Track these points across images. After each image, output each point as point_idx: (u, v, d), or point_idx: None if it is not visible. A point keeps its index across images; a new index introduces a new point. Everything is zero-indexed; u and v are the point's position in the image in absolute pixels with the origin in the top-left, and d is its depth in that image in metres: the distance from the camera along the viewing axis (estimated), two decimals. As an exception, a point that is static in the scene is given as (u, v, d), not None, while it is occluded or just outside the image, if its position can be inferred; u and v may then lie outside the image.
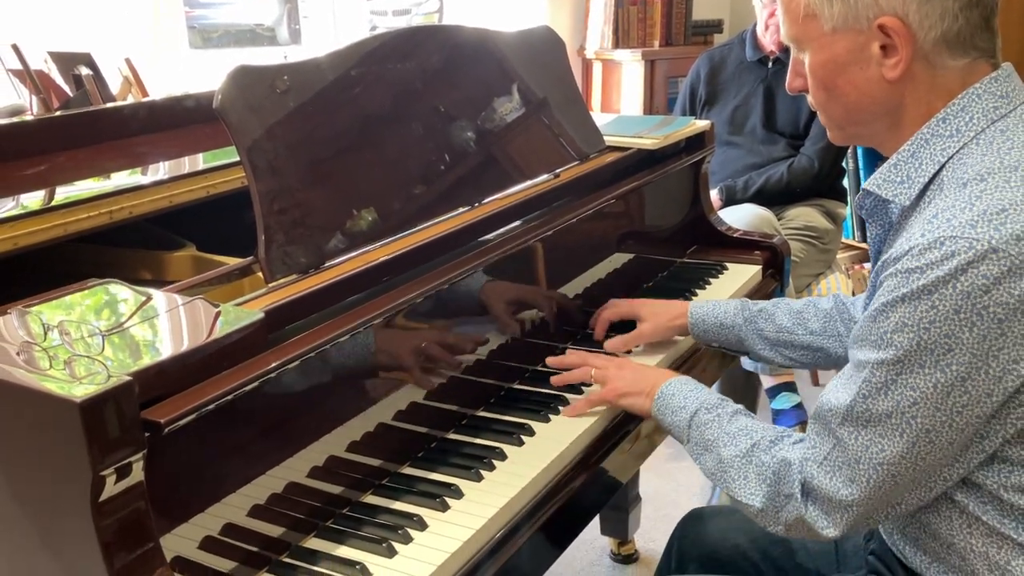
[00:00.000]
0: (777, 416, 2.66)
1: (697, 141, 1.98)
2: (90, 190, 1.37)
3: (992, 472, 0.99)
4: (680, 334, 1.58)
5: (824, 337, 1.43)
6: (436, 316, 1.28)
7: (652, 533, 2.41)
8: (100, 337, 0.92)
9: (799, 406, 2.66)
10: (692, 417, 1.20)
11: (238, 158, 1.47)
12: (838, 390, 1.02)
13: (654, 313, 1.56)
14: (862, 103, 1.05)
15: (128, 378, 0.83)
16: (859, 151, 3.63)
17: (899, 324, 0.94)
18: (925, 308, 0.92)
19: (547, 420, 1.33)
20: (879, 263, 1.02)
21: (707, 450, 1.17)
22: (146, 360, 0.90)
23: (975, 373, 0.91)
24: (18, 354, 0.90)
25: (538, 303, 1.52)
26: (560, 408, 1.36)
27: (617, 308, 1.60)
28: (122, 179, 1.48)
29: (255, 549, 1.02)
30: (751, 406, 2.63)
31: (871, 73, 1.02)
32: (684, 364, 1.58)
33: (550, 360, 1.46)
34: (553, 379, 1.41)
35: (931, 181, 1.01)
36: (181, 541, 0.95)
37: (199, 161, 1.59)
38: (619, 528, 2.32)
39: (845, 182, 2.99)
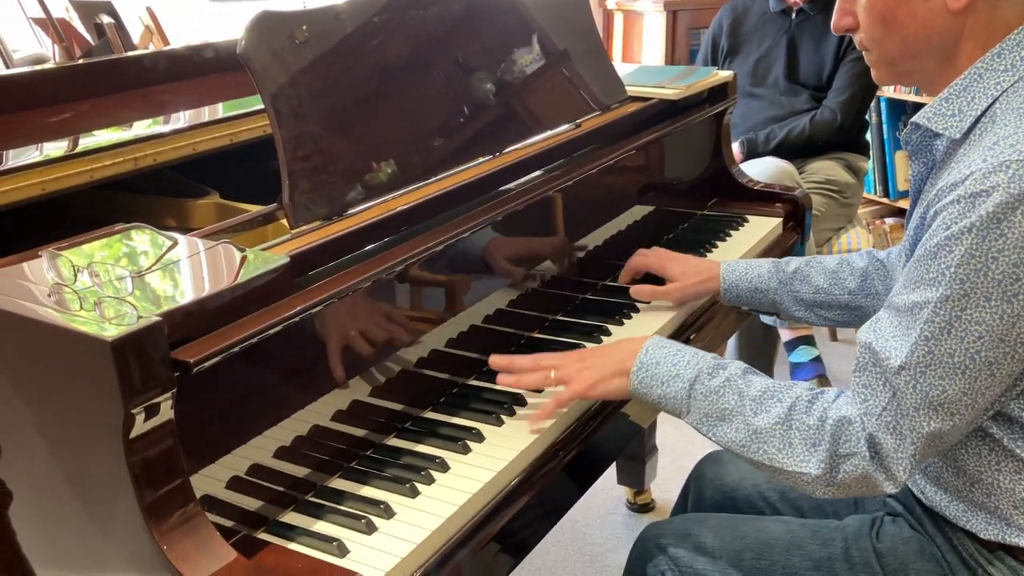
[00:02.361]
0: (795, 369, 2.67)
1: (720, 92, 1.96)
2: (114, 138, 1.38)
3: None
4: (710, 295, 1.54)
5: (861, 296, 1.41)
6: (457, 264, 1.29)
7: (667, 483, 2.44)
8: (129, 279, 0.94)
9: (817, 359, 2.67)
10: (692, 385, 1.11)
11: (258, 107, 1.49)
12: (890, 338, 0.99)
13: (684, 273, 1.51)
14: (921, 35, 1.03)
15: (158, 318, 0.85)
16: (883, 105, 3.59)
17: (965, 256, 0.91)
18: (993, 237, 0.90)
19: (567, 368, 1.35)
20: (931, 195, 1.00)
21: (725, 420, 1.08)
22: (174, 302, 0.91)
23: None
24: (49, 296, 0.91)
25: (558, 253, 1.52)
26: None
27: (646, 259, 1.57)
28: (144, 128, 1.49)
29: (281, 489, 1.05)
30: (769, 360, 2.64)
31: (934, 3, 1.01)
32: (700, 318, 1.58)
33: (494, 360, 1.26)
34: (503, 379, 1.24)
35: (982, 115, 1.00)
36: (209, 481, 0.97)
37: (219, 111, 1.60)
38: (635, 478, 2.35)
39: (868, 136, 2.96)
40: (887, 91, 3.55)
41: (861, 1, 1.06)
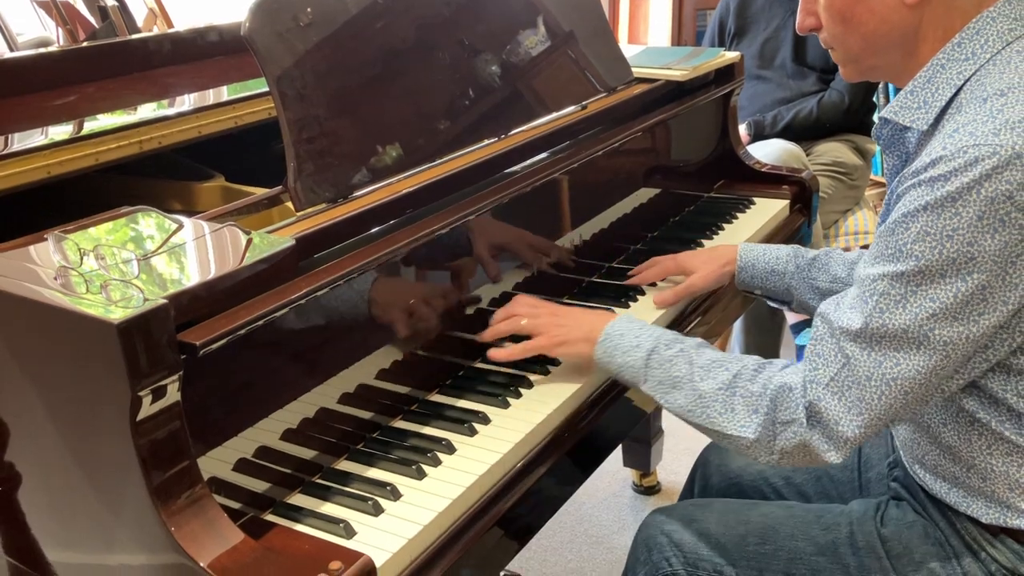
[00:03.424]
0: (802, 352, 2.67)
1: (726, 73, 1.95)
2: (119, 122, 1.38)
3: (1011, 385, 1.00)
4: (731, 279, 1.52)
5: None
6: (464, 247, 1.29)
7: (673, 465, 2.44)
8: (135, 262, 0.94)
9: (824, 342, 2.66)
10: (650, 355, 1.15)
11: (263, 90, 1.49)
12: (847, 308, 1.01)
13: (703, 261, 1.50)
14: (880, 30, 1.04)
15: (164, 301, 0.85)
16: (890, 87, 3.56)
17: (920, 233, 0.93)
18: (948, 216, 0.92)
19: (573, 350, 1.35)
20: (895, 180, 1.02)
21: (675, 387, 1.12)
22: (180, 285, 0.91)
23: (995, 281, 0.92)
24: (55, 278, 0.92)
25: (563, 236, 1.52)
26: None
27: (663, 266, 1.53)
28: (149, 111, 1.48)
29: (288, 471, 1.05)
30: (775, 343, 2.64)
31: None
32: (706, 300, 1.57)
33: (481, 335, 1.29)
34: (481, 334, 1.29)
35: (948, 105, 1.01)
36: (216, 463, 0.97)
37: (223, 94, 1.59)
38: (641, 460, 2.36)
39: (875, 117, 2.95)
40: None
41: (821, 1, 1.08)
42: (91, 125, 1.39)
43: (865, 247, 2.78)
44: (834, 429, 1.00)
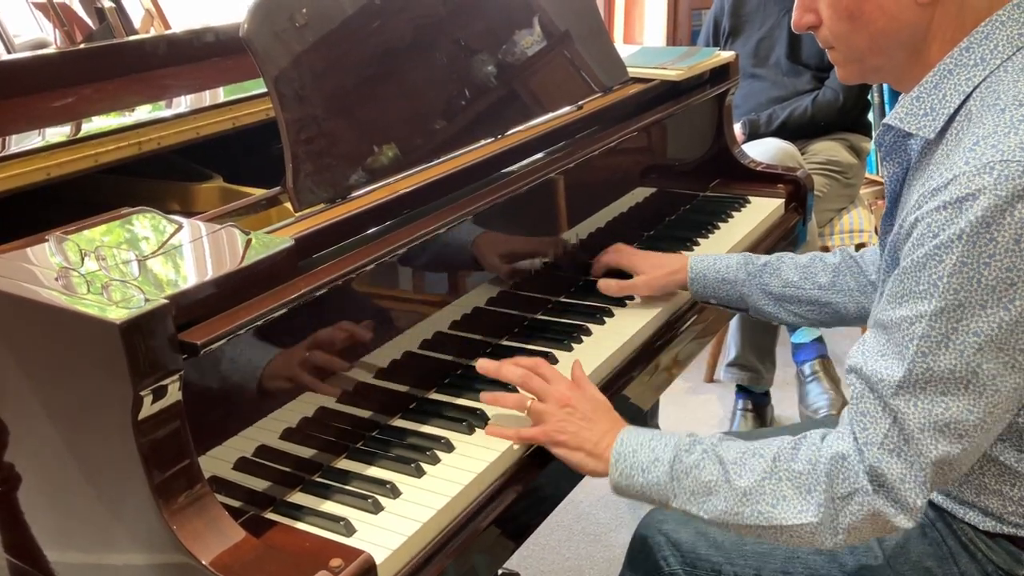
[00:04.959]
0: (797, 350, 2.68)
1: (721, 73, 1.96)
2: (117, 123, 1.38)
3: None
4: (679, 288, 1.51)
5: (832, 292, 1.37)
6: (462, 246, 1.29)
7: (671, 464, 2.45)
8: (135, 263, 0.94)
9: (819, 340, 2.67)
10: (672, 467, 1.04)
11: (259, 91, 1.49)
12: (879, 357, 0.94)
13: (652, 266, 1.49)
14: (889, 29, 1.00)
15: (165, 301, 0.85)
16: (885, 86, 3.57)
17: (957, 265, 0.88)
18: (984, 242, 0.86)
19: (570, 349, 1.36)
20: (911, 202, 0.96)
21: (712, 493, 1.01)
22: (180, 285, 0.92)
23: None
24: (57, 279, 0.92)
25: (560, 235, 1.53)
26: (583, 338, 1.38)
27: (619, 255, 1.55)
28: (147, 112, 1.49)
29: (288, 470, 1.06)
30: (771, 340, 2.65)
31: None
32: (690, 310, 1.56)
33: (481, 365, 1.20)
34: (484, 396, 1.19)
35: (956, 113, 0.98)
36: (217, 462, 0.98)
37: (220, 95, 1.60)
38: (639, 459, 2.36)
39: (870, 116, 2.96)
40: (889, 71, 3.53)
41: None
42: (90, 126, 1.39)
43: (860, 245, 2.79)
44: (900, 489, 0.92)
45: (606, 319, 1.44)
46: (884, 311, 0.95)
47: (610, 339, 1.39)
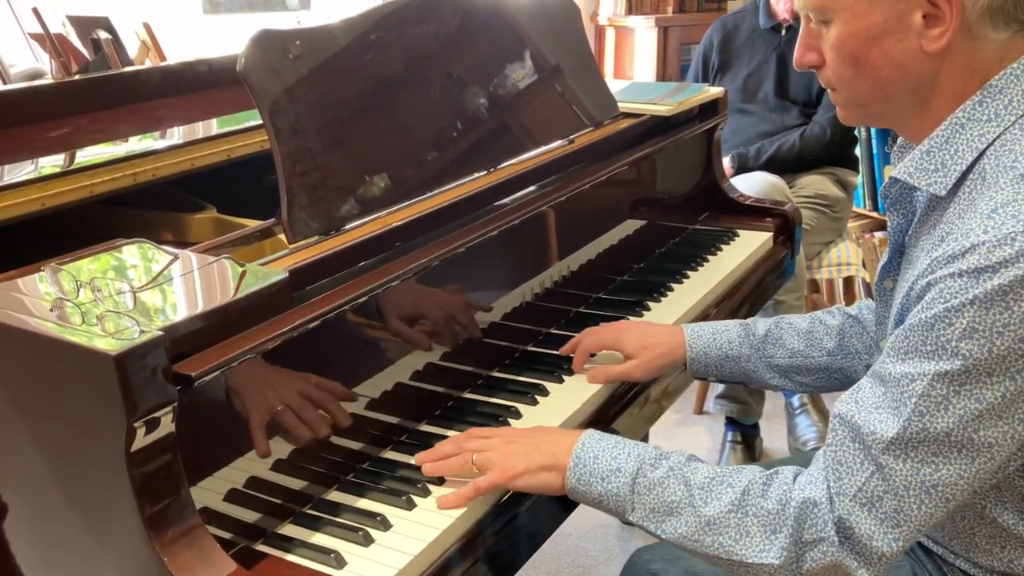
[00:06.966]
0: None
1: (710, 108, 1.99)
2: (112, 154, 1.39)
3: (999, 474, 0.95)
4: (677, 368, 1.40)
5: (841, 357, 1.32)
6: (453, 278, 1.30)
7: (660, 496, 2.44)
8: (130, 294, 0.95)
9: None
10: (635, 479, 1.01)
11: (254, 123, 1.51)
12: (874, 410, 0.91)
13: (643, 347, 1.35)
14: (895, 77, 0.97)
15: (160, 332, 0.86)
16: (872, 120, 3.61)
17: (967, 330, 0.85)
18: (998, 311, 0.84)
19: (561, 380, 1.36)
20: (923, 264, 0.93)
21: (673, 514, 0.99)
22: (174, 317, 0.92)
23: None
24: (51, 310, 0.93)
25: (549, 268, 1.54)
26: (571, 368, 1.39)
27: (599, 337, 1.39)
28: (141, 143, 1.50)
29: (279, 501, 1.06)
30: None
31: (909, 45, 0.95)
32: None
33: (419, 459, 1.13)
34: (425, 467, 1.11)
35: (969, 169, 0.95)
36: (208, 493, 0.98)
37: (213, 126, 1.61)
38: (628, 491, 2.35)
39: (857, 150, 2.99)
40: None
41: (829, 39, 0.99)
42: (85, 157, 1.40)
43: (848, 278, 2.81)
44: (867, 545, 0.91)
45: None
46: (884, 364, 0.93)
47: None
